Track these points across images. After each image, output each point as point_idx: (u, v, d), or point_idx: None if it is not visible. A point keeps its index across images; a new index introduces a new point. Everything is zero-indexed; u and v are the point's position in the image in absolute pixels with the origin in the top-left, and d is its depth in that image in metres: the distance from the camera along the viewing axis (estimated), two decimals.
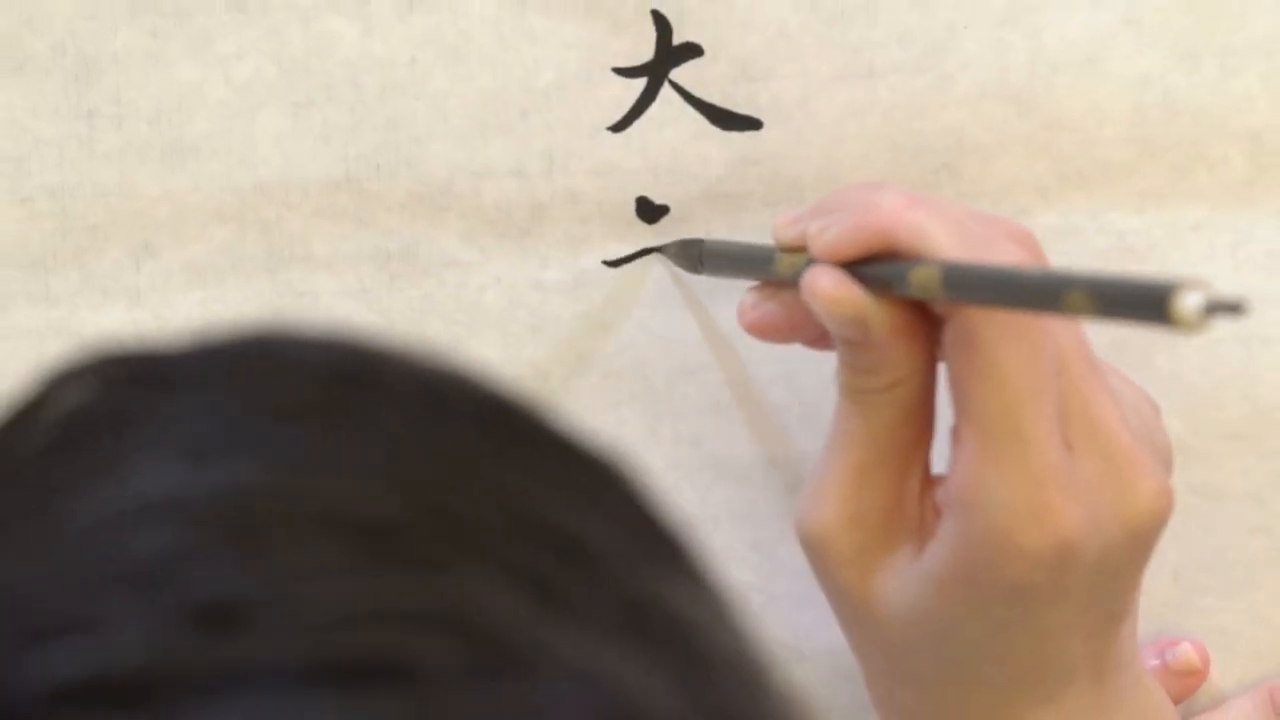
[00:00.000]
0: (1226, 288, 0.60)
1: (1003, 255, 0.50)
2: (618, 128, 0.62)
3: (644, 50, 0.61)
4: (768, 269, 0.55)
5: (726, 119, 0.61)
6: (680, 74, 0.61)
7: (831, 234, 0.51)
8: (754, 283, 0.57)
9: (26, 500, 0.32)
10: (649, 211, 0.62)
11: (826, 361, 0.53)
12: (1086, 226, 0.62)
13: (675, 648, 0.32)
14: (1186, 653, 0.63)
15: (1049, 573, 0.50)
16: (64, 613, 0.29)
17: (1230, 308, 0.42)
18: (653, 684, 0.30)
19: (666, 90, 0.61)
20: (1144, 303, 0.43)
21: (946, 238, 0.49)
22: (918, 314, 0.51)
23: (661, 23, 0.61)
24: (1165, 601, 0.63)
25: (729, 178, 0.62)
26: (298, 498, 0.31)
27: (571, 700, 0.29)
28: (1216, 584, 0.63)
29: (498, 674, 0.29)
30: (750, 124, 0.61)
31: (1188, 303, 0.42)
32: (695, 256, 0.61)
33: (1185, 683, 0.63)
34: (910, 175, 0.61)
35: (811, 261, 0.52)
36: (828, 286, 0.51)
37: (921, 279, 0.49)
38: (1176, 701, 0.63)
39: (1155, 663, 0.63)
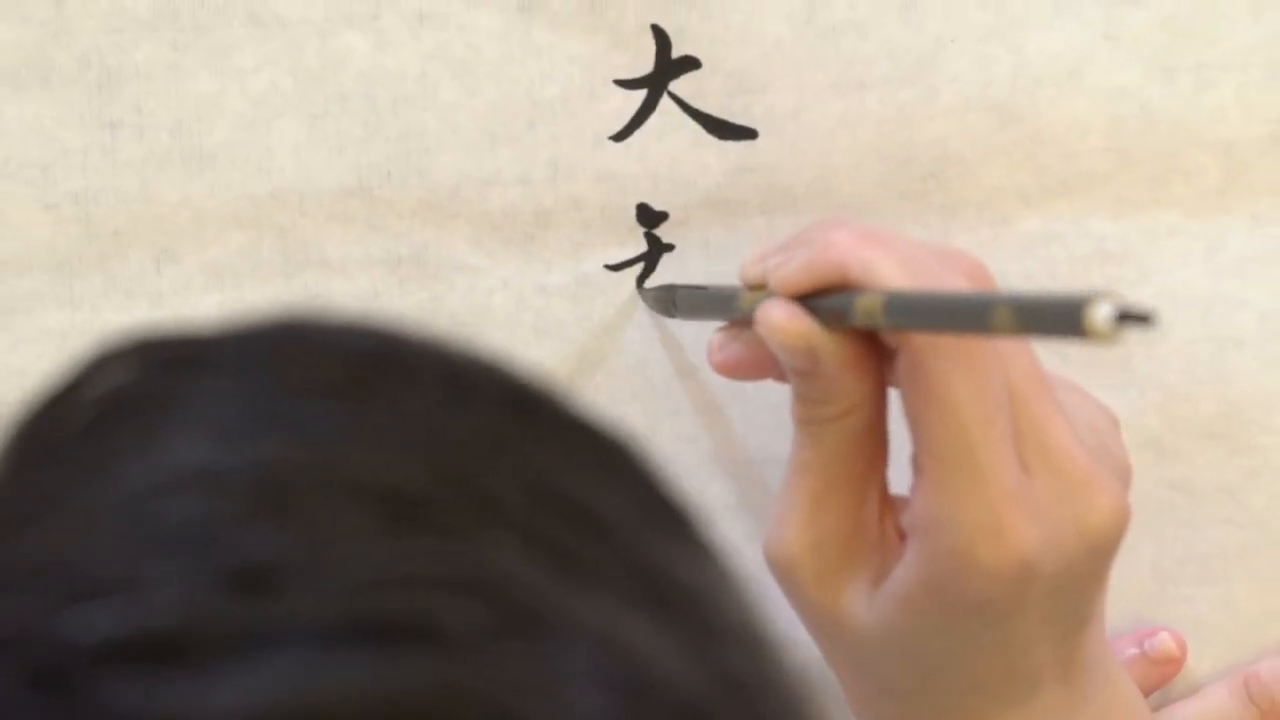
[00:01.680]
0: (1201, 290, 0.63)
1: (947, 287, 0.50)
2: (619, 137, 0.62)
3: (644, 63, 0.62)
4: (733, 307, 0.56)
5: (723, 129, 0.62)
6: (679, 86, 0.62)
7: (787, 269, 0.52)
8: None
9: (69, 474, 0.32)
10: (649, 218, 0.62)
11: None
12: (1067, 232, 0.62)
13: (686, 614, 0.32)
14: (1165, 642, 0.64)
15: (1011, 588, 0.50)
16: (105, 575, 0.30)
17: (1140, 318, 0.41)
18: (665, 648, 0.31)
19: (666, 102, 0.62)
20: (1061, 317, 0.43)
21: (895, 270, 0.50)
22: (867, 345, 0.51)
23: (661, 37, 0.61)
24: (1142, 593, 0.64)
25: (726, 185, 0.62)
26: (327, 469, 0.31)
27: (589, 661, 0.30)
28: (1191, 575, 0.64)
29: (519, 636, 0.30)
30: (746, 134, 0.62)
31: (1099, 314, 0.41)
32: (669, 301, 0.61)
33: (1163, 671, 0.64)
34: (899, 184, 0.62)
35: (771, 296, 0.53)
36: (779, 317, 0.51)
37: (865, 307, 0.49)
38: (1154, 689, 0.64)
39: (1134, 651, 0.64)
